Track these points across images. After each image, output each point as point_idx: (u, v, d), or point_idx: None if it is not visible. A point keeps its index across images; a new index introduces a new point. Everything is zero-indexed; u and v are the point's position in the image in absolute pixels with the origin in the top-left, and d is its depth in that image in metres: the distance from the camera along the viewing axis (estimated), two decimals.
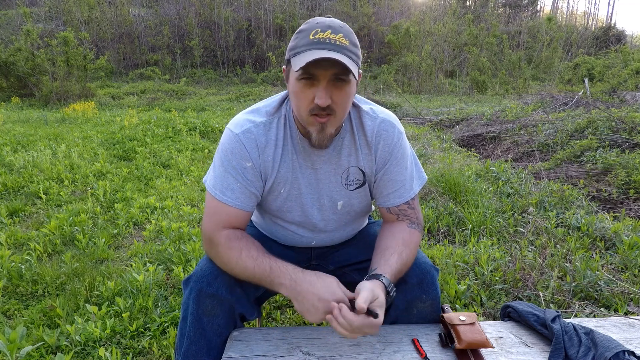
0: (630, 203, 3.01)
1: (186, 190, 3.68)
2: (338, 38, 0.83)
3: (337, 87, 0.85)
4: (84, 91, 13.40)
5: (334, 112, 0.87)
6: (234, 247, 0.92)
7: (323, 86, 0.84)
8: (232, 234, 0.95)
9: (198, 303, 0.92)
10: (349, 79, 0.85)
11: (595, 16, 35.55)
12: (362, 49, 17.90)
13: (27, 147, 5.30)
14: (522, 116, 6.60)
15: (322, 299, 0.82)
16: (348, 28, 0.88)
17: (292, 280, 0.85)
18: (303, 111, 0.88)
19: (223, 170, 0.97)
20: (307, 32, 0.85)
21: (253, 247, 0.93)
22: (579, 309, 1.70)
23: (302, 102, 0.87)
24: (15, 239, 2.58)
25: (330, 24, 0.86)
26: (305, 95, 0.86)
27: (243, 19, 24.36)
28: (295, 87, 0.87)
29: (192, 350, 0.93)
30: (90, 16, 21.35)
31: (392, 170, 1.01)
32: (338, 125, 0.92)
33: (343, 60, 0.80)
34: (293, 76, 0.87)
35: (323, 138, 0.90)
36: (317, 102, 0.84)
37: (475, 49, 17.64)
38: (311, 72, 0.83)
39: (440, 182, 3.31)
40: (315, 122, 0.88)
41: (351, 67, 0.81)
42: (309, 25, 0.86)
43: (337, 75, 0.83)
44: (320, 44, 0.82)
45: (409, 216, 1.03)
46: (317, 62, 0.80)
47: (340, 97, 0.86)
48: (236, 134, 0.95)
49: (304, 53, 0.82)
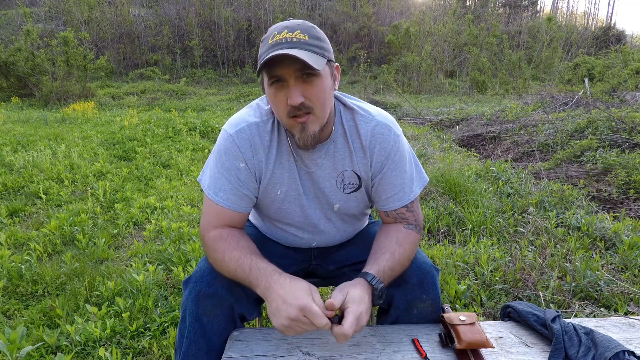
0: (630, 203, 3.01)
1: (186, 190, 3.68)
2: (295, 35, 0.83)
3: (307, 82, 0.84)
4: (84, 91, 13.41)
5: (311, 109, 0.86)
6: (218, 248, 0.92)
7: (291, 85, 0.83)
8: (218, 235, 0.95)
9: (197, 303, 0.92)
10: (317, 72, 0.84)
11: (595, 16, 35.60)
12: (361, 49, 17.76)
13: (27, 147, 5.30)
14: (522, 116, 6.60)
15: (287, 303, 0.79)
16: (308, 24, 0.87)
17: (267, 282, 0.84)
18: (283, 116, 0.88)
19: (217, 170, 0.97)
20: (267, 38, 0.86)
21: (237, 248, 0.92)
22: (579, 309, 1.70)
23: (278, 106, 0.87)
24: (15, 239, 2.58)
25: (287, 24, 0.86)
26: (279, 99, 0.86)
27: (243, 19, 24.39)
28: (269, 93, 0.87)
29: (191, 350, 0.93)
30: (90, 16, 21.37)
31: (390, 174, 1.00)
32: (322, 123, 0.90)
33: (299, 55, 0.79)
34: (265, 84, 0.88)
35: (306, 138, 0.89)
36: (289, 102, 0.83)
37: (475, 49, 17.65)
38: (276, 74, 0.83)
39: (440, 182, 3.31)
40: (296, 123, 0.87)
41: (309, 60, 0.80)
42: (269, 32, 0.87)
43: (302, 71, 0.83)
44: (276, 45, 0.82)
45: (406, 219, 1.02)
46: (274, 62, 0.80)
47: (312, 92, 0.85)
48: (230, 134, 0.95)
49: (264, 58, 0.82)
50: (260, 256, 0.91)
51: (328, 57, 0.87)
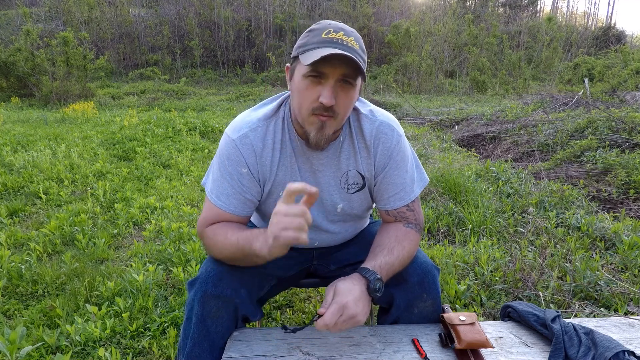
0: (630, 203, 3.01)
1: (186, 190, 3.68)
2: (350, 40, 0.84)
3: (342, 89, 0.85)
4: (83, 91, 13.40)
5: (335, 114, 0.87)
6: (219, 232, 0.94)
7: (330, 85, 0.83)
8: (217, 224, 0.97)
9: (203, 305, 0.92)
10: (355, 82, 0.86)
11: (595, 16, 35.57)
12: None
13: (27, 147, 5.30)
14: (522, 116, 6.60)
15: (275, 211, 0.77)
16: (358, 34, 0.89)
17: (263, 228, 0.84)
18: (305, 110, 0.87)
19: (220, 175, 0.98)
20: (319, 31, 0.85)
21: (235, 226, 0.95)
22: (579, 309, 1.70)
23: (305, 100, 0.86)
24: (15, 239, 2.58)
25: (343, 26, 0.87)
26: (310, 93, 0.85)
27: (243, 19, 24.37)
28: (301, 84, 0.86)
29: (195, 351, 0.93)
30: (90, 16, 21.37)
31: (392, 173, 1.01)
32: (337, 128, 0.92)
33: (356, 58, 0.81)
34: (299, 73, 0.86)
35: (321, 138, 0.89)
36: (322, 101, 0.83)
37: (475, 49, 17.65)
38: (320, 70, 0.83)
39: (440, 182, 3.31)
40: (316, 120, 0.87)
41: (359, 70, 0.82)
42: (321, 25, 0.87)
43: (345, 76, 0.84)
44: (332, 42, 0.82)
45: (407, 218, 1.03)
46: (329, 59, 0.80)
47: (343, 100, 0.86)
48: (233, 139, 0.96)
49: (315, 50, 0.82)
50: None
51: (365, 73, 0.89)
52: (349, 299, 0.82)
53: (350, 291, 0.84)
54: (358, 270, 0.91)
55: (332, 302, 0.82)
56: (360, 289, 0.85)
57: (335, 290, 0.85)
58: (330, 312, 0.80)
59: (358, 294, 0.84)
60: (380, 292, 0.88)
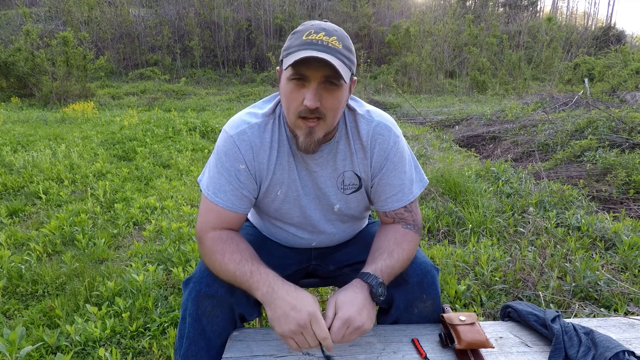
0: (630, 203, 3.01)
1: (186, 190, 3.68)
2: (331, 40, 0.83)
3: (327, 90, 0.84)
4: (83, 91, 13.41)
5: (323, 116, 0.86)
6: (217, 250, 0.92)
7: (313, 87, 0.83)
8: (218, 237, 0.94)
9: (197, 304, 0.92)
10: (340, 83, 0.84)
11: (595, 16, 35.57)
12: (361, 49, 17.75)
13: (27, 147, 5.30)
14: (522, 116, 6.60)
15: (296, 309, 0.79)
16: (343, 32, 0.87)
17: (270, 287, 0.84)
18: (292, 113, 0.87)
19: (217, 171, 0.97)
20: (301, 33, 0.85)
21: (237, 250, 0.91)
22: (579, 309, 1.70)
23: (291, 103, 0.86)
24: (15, 239, 2.58)
25: (325, 26, 0.86)
26: (295, 96, 0.85)
27: (243, 19, 24.38)
28: (286, 87, 0.86)
29: (191, 350, 0.93)
30: (90, 16, 21.38)
31: (389, 174, 1.00)
32: (328, 131, 0.91)
33: (334, 62, 0.79)
34: (284, 76, 0.86)
35: (310, 143, 0.89)
36: (306, 104, 0.83)
37: (475, 49, 17.66)
38: (302, 73, 0.82)
39: (440, 182, 3.31)
40: (304, 125, 0.87)
41: (341, 70, 0.80)
42: (304, 27, 0.86)
43: (327, 77, 0.83)
44: (312, 44, 0.81)
45: (405, 219, 1.02)
46: (307, 61, 0.79)
47: (329, 101, 0.85)
48: (231, 135, 0.95)
49: (295, 53, 0.82)
50: (260, 261, 0.91)
51: (353, 71, 0.88)
52: (351, 311, 0.82)
53: (352, 302, 0.83)
54: (359, 276, 0.90)
55: (335, 317, 0.81)
56: (363, 296, 0.85)
57: (337, 304, 0.84)
58: (337, 328, 0.80)
59: (361, 303, 0.84)
60: (383, 297, 0.88)
